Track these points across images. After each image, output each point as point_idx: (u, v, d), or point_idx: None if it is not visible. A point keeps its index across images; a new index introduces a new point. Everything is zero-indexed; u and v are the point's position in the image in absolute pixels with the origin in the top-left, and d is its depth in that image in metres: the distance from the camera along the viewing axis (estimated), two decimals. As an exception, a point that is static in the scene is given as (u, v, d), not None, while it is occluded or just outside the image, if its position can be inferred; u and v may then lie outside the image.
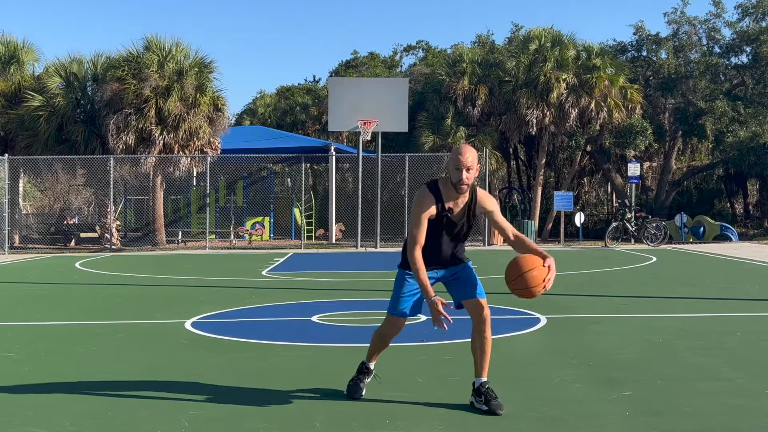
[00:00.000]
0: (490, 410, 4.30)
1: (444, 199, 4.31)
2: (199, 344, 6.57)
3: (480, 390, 4.41)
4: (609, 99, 24.46)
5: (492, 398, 4.35)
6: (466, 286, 4.46)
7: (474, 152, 4.27)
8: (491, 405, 4.32)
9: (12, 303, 9.82)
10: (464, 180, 4.21)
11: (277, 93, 39.85)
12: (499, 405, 4.31)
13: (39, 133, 20.80)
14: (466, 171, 4.20)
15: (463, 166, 4.19)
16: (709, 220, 25.04)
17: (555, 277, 4.23)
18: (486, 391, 4.38)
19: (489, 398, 4.35)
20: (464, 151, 4.23)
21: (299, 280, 12.16)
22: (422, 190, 4.35)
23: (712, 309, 8.53)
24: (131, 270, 14.33)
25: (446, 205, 4.31)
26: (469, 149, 4.26)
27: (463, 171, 4.19)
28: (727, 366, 5.48)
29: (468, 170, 4.20)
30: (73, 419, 4.29)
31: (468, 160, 4.20)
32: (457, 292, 4.51)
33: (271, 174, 28.63)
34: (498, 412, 4.27)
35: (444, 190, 4.32)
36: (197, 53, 21.72)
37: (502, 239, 4.56)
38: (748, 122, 28.00)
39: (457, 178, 4.22)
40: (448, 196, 4.32)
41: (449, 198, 4.32)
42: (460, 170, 4.20)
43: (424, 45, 40.40)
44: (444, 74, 25.76)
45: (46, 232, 25.60)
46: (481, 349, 4.44)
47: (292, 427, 4.13)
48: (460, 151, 4.24)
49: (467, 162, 4.19)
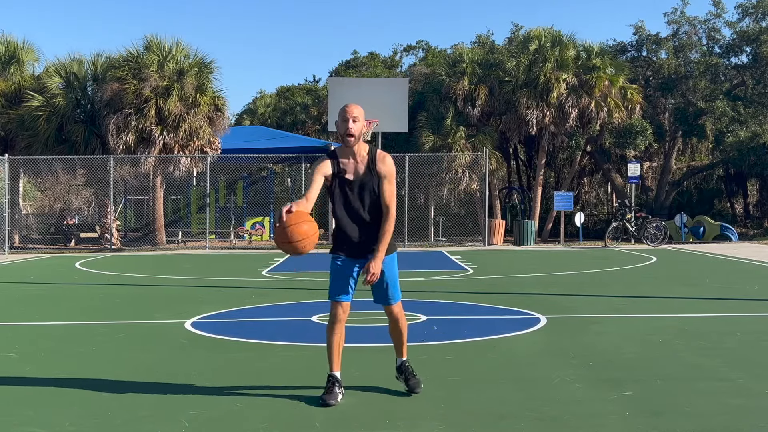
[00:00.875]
0: (409, 388, 4.64)
1: (340, 161, 4.48)
2: (199, 344, 6.57)
3: (401, 368, 4.76)
4: (609, 99, 24.46)
5: (411, 376, 4.68)
6: (382, 289, 4.61)
7: (361, 108, 4.49)
8: (409, 383, 4.67)
9: (12, 303, 9.82)
10: (350, 129, 4.39)
11: (277, 93, 39.88)
12: (417, 383, 4.66)
13: (39, 133, 20.80)
14: (352, 122, 4.39)
15: (349, 116, 4.40)
16: (709, 220, 25.04)
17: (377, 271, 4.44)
18: (405, 369, 4.71)
19: (408, 376, 4.69)
20: (349, 105, 4.49)
21: (299, 280, 12.17)
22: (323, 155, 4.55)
23: (712, 309, 8.53)
24: (131, 270, 14.34)
25: (341, 162, 4.47)
26: (355, 105, 4.52)
27: (350, 121, 4.39)
28: (727, 366, 5.48)
29: (354, 121, 4.41)
30: (73, 419, 4.29)
31: (353, 111, 4.42)
32: (375, 293, 4.68)
33: (271, 174, 28.63)
34: (416, 390, 4.61)
35: (339, 151, 4.53)
36: (197, 53, 21.75)
37: (502, 239, 4.63)
38: (748, 122, 28.01)
39: (344, 129, 4.43)
40: (344, 157, 4.50)
41: (345, 158, 4.49)
42: (347, 121, 4.40)
43: (424, 45, 40.41)
44: (444, 74, 25.75)
45: (46, 232, 25.61)
46: (397, 335, 4.76)
47: (292, 427, 4.13)
48: (345, 106, 4.49)
49: (352, 113, 4.41)
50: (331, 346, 4.63)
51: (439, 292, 10.07)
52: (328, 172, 4.45)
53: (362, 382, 5.05)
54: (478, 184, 24.26)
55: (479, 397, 4.64)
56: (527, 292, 9.96)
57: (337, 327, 4.59)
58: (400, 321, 4.69)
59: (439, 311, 8.17)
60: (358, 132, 4.41)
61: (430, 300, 9.11)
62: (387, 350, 6.13)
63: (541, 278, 12.18)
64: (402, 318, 4.70)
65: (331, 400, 4.52)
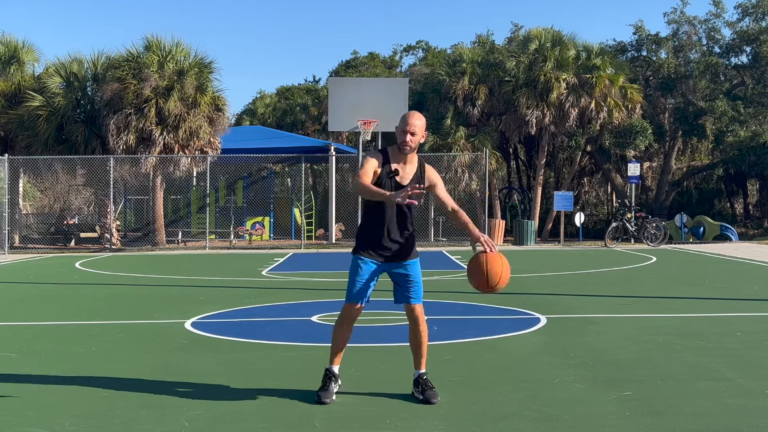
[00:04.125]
0: (425, 399, 4.54)
1: (391, 160, 4.58)
2: (199, 344, 6.57)
3: (418, 381, 4.66)
4: (609, 99, 24.45)
5: (428, 388, 4.60)
6: (408, 290, 4.64)
7: (423, 119, 4.58)
8: (426, 394, 4.56)
9: (12, 303, 9.82)
10: (408, 141, 4.49)
11: (277, 93, 39.85)
12: (434, 394, 4.55)
13: (39, 133, 20.80)
14: (411, 135, 4.49)
15: (409, 129, 4.49)
16: (709, 220, 25.04)
17: (493, 245, 4.48)
18: (423, 382, 4.63)
19: (425, 388, 4.60)
20: (411, 115, 4.56)
21: (299, 280, 12.16)
22: (373, 150, 4.68)
23: (712, 309, 8.53)
24: (131, 270, 14.33)
25: (393, 166, 4.56)
26: (417, 115, 4.59)
27: (408, 134, 4.49)
28: (727, 366, 5.48)
29: (413, 134, 4.49)
30: (73, 419, 4.29)
31: (414, 125, 4.50)
32: (399, 294, 4.69)
33: (271, 174, 28.63)
34: (432, 401, 4.51)
35: (392, 154, 4.61)
36: (197, 53, 21.77)
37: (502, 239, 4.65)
38: (748, 122, 28.01)
39: (401, 139, 4.52)
40: (396, 158, 4.59)
41: (396, 161, 4.58)
42: (405, 133, 4.50)
43: (424, 45, 40.39)
44: (444, 74, 25.75)
45: (46, 232, 25.60)
46: (417, 347, 4.71)
47: (292, 427, 4.13)
48: (407, 116, 4.57)
49: (413, 127, 4.49)
50: (337, 343, 4.67)
51: (439, 292, 10.07)
52: (378, 168, 4.53)
53: (362, 382, 5.05)
54: (478, 184, 24.26)
55: (479, 397, 4.64)
56: (527, 292, 9.96)
57: (347, 326, 4.64)
58: (421, 324, 4.64)
59: (439, 311, 8.17)
60: (415, 144, 4.53)
61: (430, 300, 9.10)
62: (387, 350, 6.14)
63: (541, 278, 12.18)
64: (423, 322, 4.66)
65: (326, 399, 4.54)
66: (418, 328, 4.65)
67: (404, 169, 4.58)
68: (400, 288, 4.66)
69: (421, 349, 4.69)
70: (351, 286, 4.63)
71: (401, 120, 4.55)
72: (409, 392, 4.75)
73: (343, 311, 4.64)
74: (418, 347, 4.69)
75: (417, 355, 4.72)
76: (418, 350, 4.70)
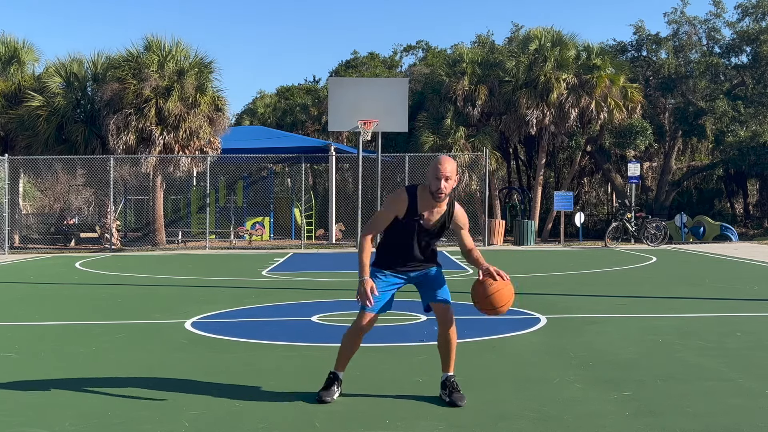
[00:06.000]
0: (451, 401, 4.50)
1: (419, 205, 4.42)
2: (199, 344, 6.57)
3: (445, 383, 4.62)
4: (609, 99, 24.44)
5: (455, 391, 4.56)
6: (433, 289, 4.62)
7: (454, 163, 4.40)
8: (453, 397, 4.52)
9: (12, 303, 9.82)
10: (442, 189, 4.33)
11: (277, 93, 39.83)
12: (461, 397, 4.51)
13: (39, 133, 20.80)
14: (444, 180, 4.31)
15: (442, 175, 4.30)
16: (709, 220, 25.03)
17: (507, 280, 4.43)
18: (450, 384, 4.60)
19: (452, 391, 4.56)
20: (444, 161, 4.36)
21: (299, 280, 12.16)
22: (400, 190, 4.48)
23: (712, 309, 8.53)
24: (131, 270, 14.33)
25: (421, 211, 4.43)
26: (449, 160, 4.39)
27: (442, 180, 4.31)
28: (727, 366, 5.48)
29: (447, 180, 4.32)
30: (73, 419, 4.29)
31: (447, 169, 4.33)
32: (425, 295, 4.66)
33: (271, 174, 28.63)
34: (459, 403, 4.47)
35: (421, 196, 4.43)
36: (197, 53, 21.74)
37: (502, 239, 4.65)
38: (748, 122, 28.00)
39: (435, 187, 4.33)
40: (425, 203, 4.42)
41: (425, 205, 4.43)
42: (439, 179, 4.31)
43: (424, 45, 40.36)
44: (444, 74, 25.75)
45: (46, 232, 25.60)
46: (446, 349, 4.65)
47: (292, 427, 4.13)
48: (440, 161, 4.37)
49: (446, 172, 4.32)
50: (345, 350, 4.64)
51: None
52: (403, 213, 4.42)
53: (362, 382, 5.05)
54: (478, 184, 24.25)
55: (479, 397, 4.64)
56: (527, 292, 9.96)
57: (359, 336, 4.59)
58: (453, 326, 4.58)
59: (439, 311, 8.17)
60: (449, 191, 4.36)
61: (430, 300, 9.10)
62: (387, 350, 6.14)
63: (541, 278, 12.19)
64: (454, 323, 4.61)
65: (327, 397, 4.54)
66: (449, 330, 4.58)
67: (431, 213, 4.44)
68: (426, 290, 4.63)
69: (450, 351, 4.63)
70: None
71: (434, 166, 4.35)
72: (408, 392, 4.76)
73: (358, 319, 4.56)
74: (448, 350, 4.63)
75: (446, 358, 4.65)
76: (448, 353, 4.64)
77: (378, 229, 4.47)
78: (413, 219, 4.42)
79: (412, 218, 4.42)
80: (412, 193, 4.43)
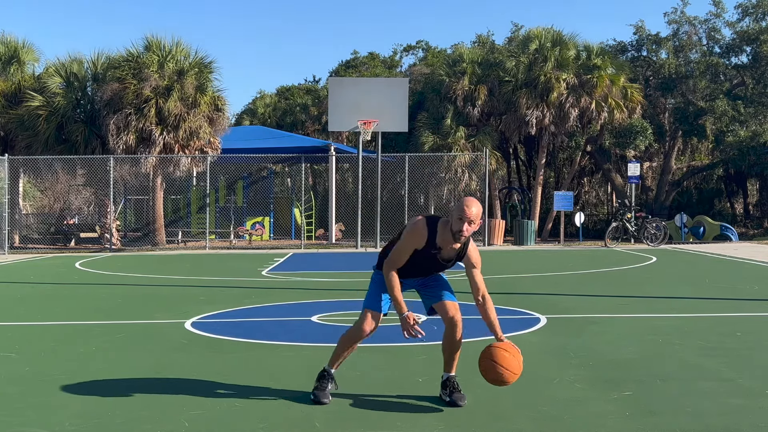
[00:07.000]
0: (451, 401, 4.50)
1: (437, 241, 4.42)
2: (199, 344, 6.57)
3: (446, 383, 4.61)
4: (609, 99, 24.43)
5: (455, 390, 4.55)
6: (435, 290, 4.62)
7: (480, 208, 4.36)
8: (453, 397, 4.52)
9: (12, 303, 9.82)
10: (464, 231, 4.30)
11: (277, 93, 39.82)
12: (461, 397, 4.51)
13: (39, 133, 20.80)
14: (468, 224, 4.29)
15: (467, 218, 4.28)
16: (709, 220, 25.03)
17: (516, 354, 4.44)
18: (451, 384, 4.59)
19: (452, 390, 4.56)
20: (471, 204, 4.32)
21: (299, 280, 12.16)
22: (420, 224, 4.43)
23: (712, 309, 8.53)
24: (131, 270, 14.33)
25: (439, 246, 4.43)
26: (476, 204, 4.34)
27: (465, 223, 4.29)
28: (727, 366, 5.48)
29: (470, 224, 4.30)
30: (73, 419, 4.29)
31: (473, 213, 4.29)
32: (427, 297, 4.65)
33: (271, 174, 28.63)
34: (459, 403, 4.46)
35: (441, 232, 4.41)
36: (197, 53, 21.74)
37: (502, 239, 4.64)
38: (748, 122, 28.00)
39: (457, 228, 4.30)
40: (443, 239, 4.41)
41: (444, 241, 4.42)
42: (463, 221, 4.29)
43: (424, 45, 40.34)
44: (444, 74, 25.74)
45: (46, 232, 25.60)
46: (450, 350, 4.61)
47: (292, 427, 4.13)
48: (467, 203, 4.32)
49: (471, 216, 4.28)
50: (341, 350, 4.63)
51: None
52: (422, 246, 4.42)
53: (362, 382, 5.05)
54: (478, 184, 24.25)
55: (479, 397, 4.64)
56: (527, 292, 9.96)
57: (357, 340, 4.58)
58: (460, 324, 4.52)
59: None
60: (470, 233, 4.34)
61: (430, 300, 9.10)
62: (387, 350, 6.14)
63: (541, 278, 12.18)
64: (461, 324, 4.55)
65: (324, 399, 4.54)
66: (455, 331, 4.52)
67: (447, 248, 4.45)
68: (428, 291, 4.61)
69: (455, 352, 4.59)
70: (372, 294, 4.59)
71: (460, 207, 4.32)
72: (407, 392, 4.76)
73: (361, 318, 4.55)
74: (453, 350, 4.58)
75: (450, 358, 4.61)
76: (452, 354, 4.60)
77: (400, 264, 4.44)
78: (431, 252, 4.44)
79: (430, 251, 4.43)
80: (432, 229, 4.41)
